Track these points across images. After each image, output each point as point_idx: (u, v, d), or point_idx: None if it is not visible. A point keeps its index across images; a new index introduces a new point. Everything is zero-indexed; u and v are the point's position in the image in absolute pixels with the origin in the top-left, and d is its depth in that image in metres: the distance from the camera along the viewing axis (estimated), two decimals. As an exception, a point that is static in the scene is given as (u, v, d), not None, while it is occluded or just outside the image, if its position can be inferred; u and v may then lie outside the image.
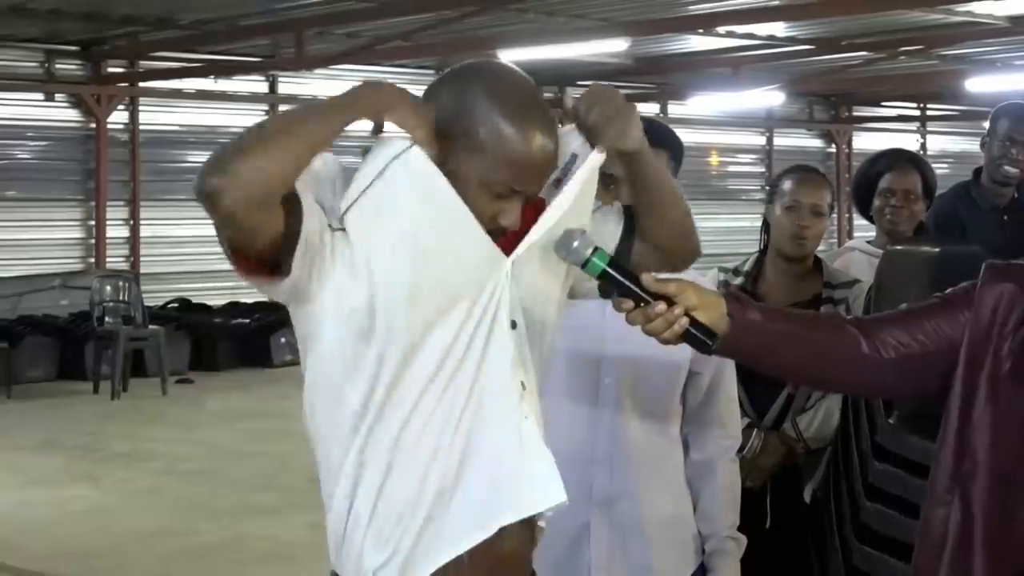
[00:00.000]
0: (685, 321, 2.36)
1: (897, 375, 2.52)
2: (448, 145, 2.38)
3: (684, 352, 3.33)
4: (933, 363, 2.48)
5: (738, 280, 4.26)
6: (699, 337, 2.37)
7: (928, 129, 27.31)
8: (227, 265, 2.34)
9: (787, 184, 4.27)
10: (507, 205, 2.40)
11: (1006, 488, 2.41)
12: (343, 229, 2.33)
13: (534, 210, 2.46)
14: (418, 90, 2.50)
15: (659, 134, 3.39)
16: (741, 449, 3.76)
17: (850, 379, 2.58)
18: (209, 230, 2.26)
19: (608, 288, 2.39)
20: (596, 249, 2.36)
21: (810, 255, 4.29)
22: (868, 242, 5.03)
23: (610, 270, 2.35)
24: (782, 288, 4.27)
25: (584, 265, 2.36)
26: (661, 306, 2.34)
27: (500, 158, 2.37)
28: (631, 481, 3.30)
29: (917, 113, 26.77)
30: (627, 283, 2.35)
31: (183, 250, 17.65)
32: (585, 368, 3.31)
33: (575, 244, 2.36)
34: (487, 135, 2.37)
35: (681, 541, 3.36)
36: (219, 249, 2.30)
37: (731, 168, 24.57)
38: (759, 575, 3.56)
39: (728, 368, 3.43)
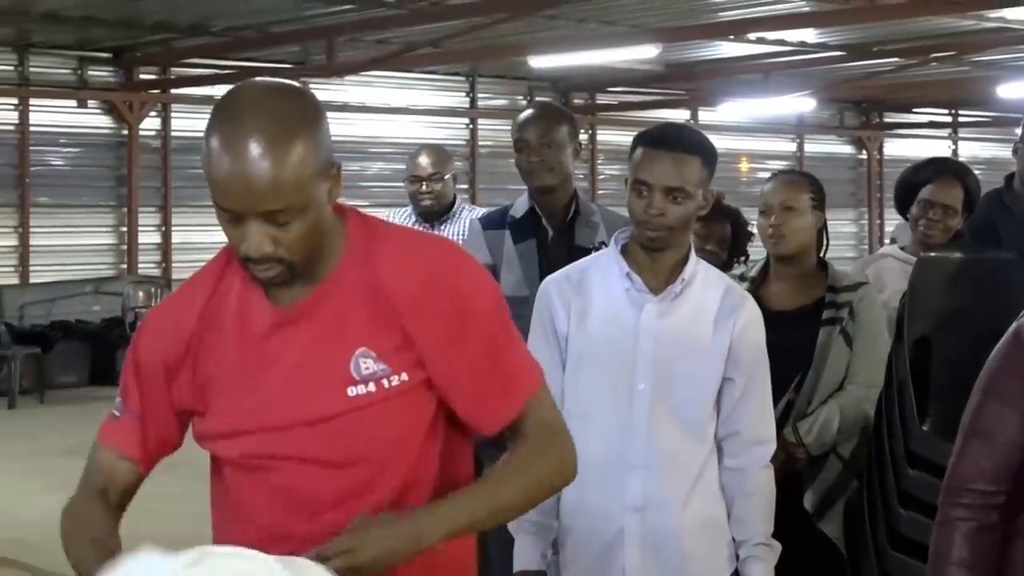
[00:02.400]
0: None
1: None
2: None
3: (717, 358, 3.34)
4: None
5: (744, 285, 4.27)
6: None
7: (959, 135, 27.20)
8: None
9: (763, 190, 4.34)
10: (241, 230, 2.37)
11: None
12: None
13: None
14: (448, 97, 2.53)
15: (691, 140, 3.39)
16: None
17: None
18: (239, 236, 2.31)
19: None
20: None
21: (795, 253, 4.29)
22: (902, 248, 5.02)
23: None
24: (786, 293, 4.29)
25: None
26: None
27: (209, 179, 2.37)
28: (665, 487, 3.30)
29: (948, 119, 26.67)
30: None
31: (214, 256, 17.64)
32: (619, 375, 3.31)
33: None
34: (205, 160, 2.39)
35: (716, 547, 3.36)
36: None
37: (761, 175, 24.47)
38: None
39: (761, 374, 3.41)
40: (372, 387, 2.44)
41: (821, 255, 4.43)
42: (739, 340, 3.34)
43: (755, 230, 4.71)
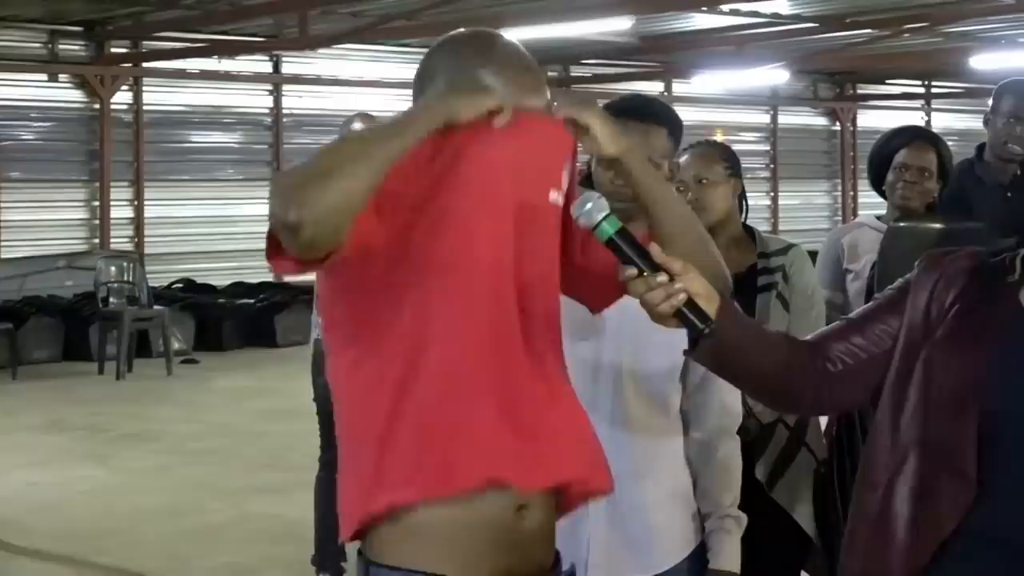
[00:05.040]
0: (683, 297, 2.40)
1: (849, 385, 2.58)
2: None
3: (683, 331, 3.33)
4: (880, 365, 2.52)
5: None
6: (691, 319, 2.42)
7: (933, 107, 27.25)
8: (231, 245, 2.36)
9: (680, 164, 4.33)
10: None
11: (930, 463, 2.44)
12: None
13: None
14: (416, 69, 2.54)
15: (658, 111, 3.39)
16: None
17: (804, 395, 2.63)
18: (214, 210, 2.30)
19: (617, 256, 2.41)
20: (608, 215, 2.39)
21: (715, 224, 4.23)
22: (878, 217, 5.03)
23: (617, 238, 2.39)
24: None
25: (594, 228, 2.39)
26: (663, 277, 2.39)
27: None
28: (630, 460, 3.28)
29: (922, 91, 26.71)
30: (633, 253, 2.39)
31: (187, 230, 17.64)
32: (584, 348, 3.30)
33: (588, 206, 2.40)
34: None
35: (680, 519, 3.35)
36: (224, 229, 2.34)
37: (736, 147, 24.04)
38: None
39: None
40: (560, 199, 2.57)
41: (743, 221, 4.42)
42: None
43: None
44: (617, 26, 16.01)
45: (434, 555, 2.39)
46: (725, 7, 16.24)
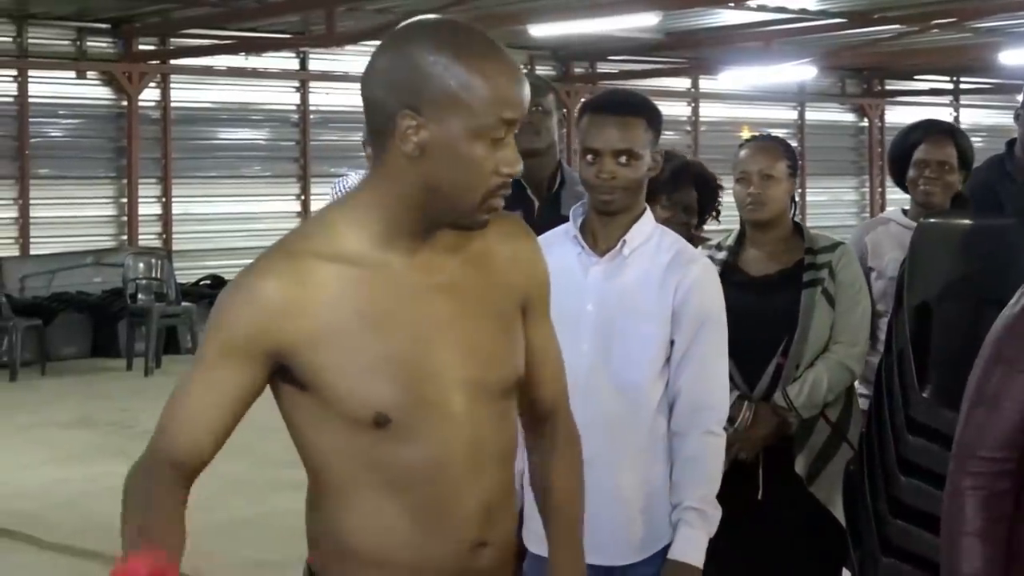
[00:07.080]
0: None
1: None
2: (425, 122, 2.24)
3: (661, 320, 3.34)
4: None
5: (721, 255, 4.30)
6: None
7: (961, 102, 27.13)
8: (258, 241, 2.34)
9: (738, 156, 4.38)
10: (506, 149, 2.28)
11: None
12: None
13: None
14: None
15: (635, 103, 3.46)
16: (732, 421, 3.77)
17: None
18: (241, 207, 2.29)
19: None
20: None
21: (771, 219, 4.32)
22: (903, 212, 5.02)
23: None
24: (762, 258, 4.33)
25: None
26: None
27: (484, 97, 2.24)
28: (606, 449, 3.28)
29: (950, 86, 26.60)
30: None
31: (215, 227, 17.68)
32: (566, 337, 3.29)
33: None
34: (459, 84, 2.24)
35: (657, 510, 3.34)
36: (251, 226, 2.34)
37: (763, 143, 24.40)
38: (751, 546, 3.52)
39: (706, 338, 3.37)
40: None
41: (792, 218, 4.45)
42: (682, 302, 3.34)
43: (722, 183, 4.76)
44: (643, 22, 15.98)
45: None
46: (752, 3, 16.19)
